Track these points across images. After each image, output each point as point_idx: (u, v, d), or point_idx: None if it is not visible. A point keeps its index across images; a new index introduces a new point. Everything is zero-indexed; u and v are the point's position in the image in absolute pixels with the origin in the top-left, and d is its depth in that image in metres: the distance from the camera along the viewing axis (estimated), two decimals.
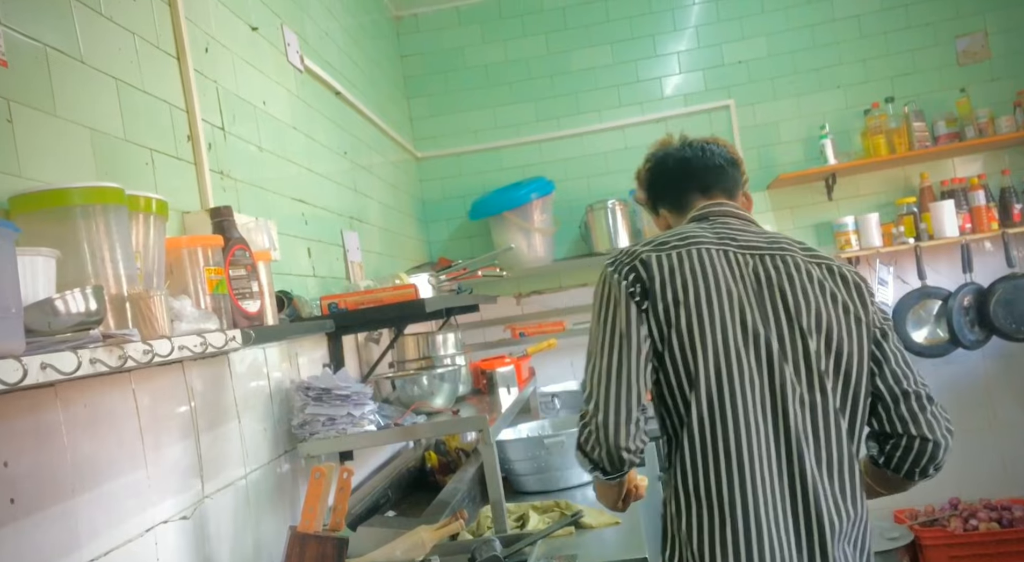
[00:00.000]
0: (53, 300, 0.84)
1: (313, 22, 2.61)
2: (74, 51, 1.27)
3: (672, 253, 1.37)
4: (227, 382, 1.62)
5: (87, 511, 1.13)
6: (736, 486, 1.26)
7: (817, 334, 1.33)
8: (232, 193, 1.79)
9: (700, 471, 1.29)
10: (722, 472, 1.27)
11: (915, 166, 3.73)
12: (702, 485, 1.28)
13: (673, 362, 1.32)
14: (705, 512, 1.27)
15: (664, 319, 1.32)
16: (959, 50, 3.73)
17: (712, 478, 1.27)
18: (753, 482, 1.26)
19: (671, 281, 1.33)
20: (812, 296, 1.35)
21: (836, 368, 1.33)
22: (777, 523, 1.26)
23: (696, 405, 1.29)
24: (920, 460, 1.34)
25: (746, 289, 1.34)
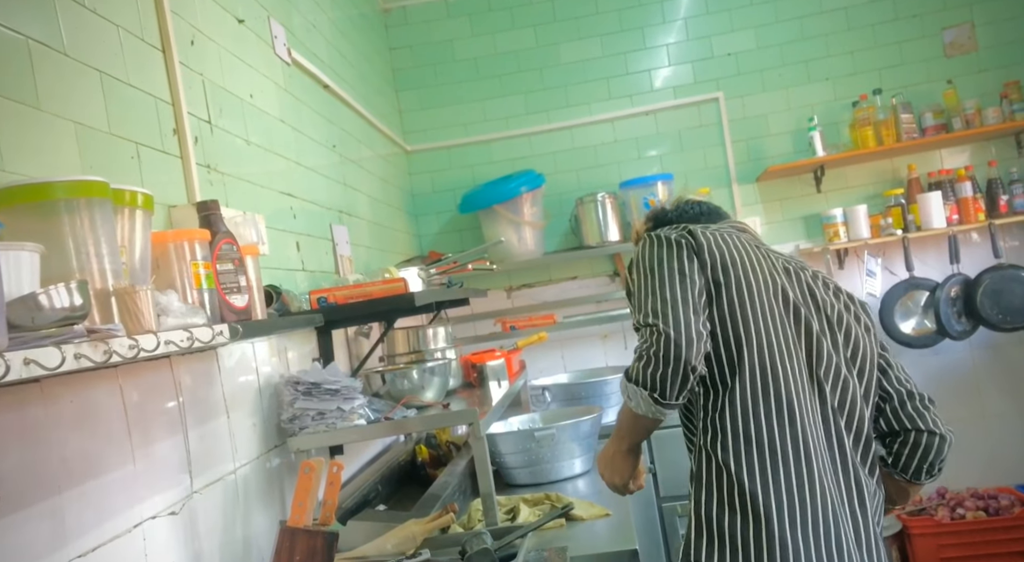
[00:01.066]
0: (37, 295, 0.84)
1: (301, 14, 2.59)
2: (57, 44, 1.26)
3: (716, 233, 1.46)
4: (215, 377, 1.62)
5: (74, 507, 1.12)
6: (788, 434, 1.33)
7: (839, 328, 1.44)
8: (219, 187, 1.78)
9: (752, 416, 1.34)
10: (773, 420, 1.34)
11: (903, 158, 3.75)
12: (754, 428, 1.34)
13: (722, 317, 1.39)
14: (756, 453, 1.33)
15: (714, 280, 1.39)
16: (946, 42, 3.74)
17: (764, 424, 1.34)
18: (804, 433, 1.34)
19: (718, 251, 1.42)
20: (831, 297, 1.47)
21: (853, 361, 1.44)
22: (825, 473, 1.34)
23: (748, 357, 1.36)
24: (928, 455, 1.45)
25: (782, 274, 1.45)
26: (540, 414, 2.88)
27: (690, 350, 1.30)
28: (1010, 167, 3.65)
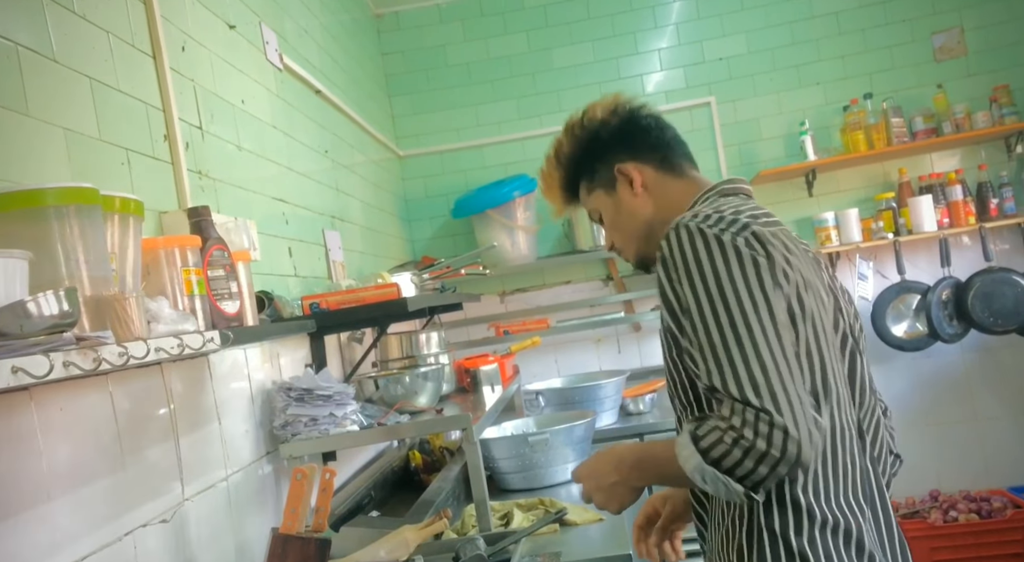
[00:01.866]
0: (25, 302, 0.83)
1: (292, 20, 2.59)
2: (47, 50, 1.25)
3: (776, 229, 1.12)
4: (207, 384, 1.61)
5: (64, 516, 1.11)
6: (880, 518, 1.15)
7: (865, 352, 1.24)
8: (211, 193, 1.78)
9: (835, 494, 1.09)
10: (862, 501, 1.12)
11: (893, 161, 3.77)
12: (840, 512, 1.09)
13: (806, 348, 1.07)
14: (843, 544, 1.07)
15: (789, 312, 1.06)
16: (936, 46, 3.77)
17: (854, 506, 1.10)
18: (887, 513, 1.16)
19: (791, 267, 1.08)
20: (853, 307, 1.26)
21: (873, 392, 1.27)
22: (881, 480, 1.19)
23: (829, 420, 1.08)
24: (891, 481, 1.29)
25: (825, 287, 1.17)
26: (534, 419, 2.88)
27: (812, 451, 0.99)
28: (1000, 171, 3.67)
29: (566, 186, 1.35)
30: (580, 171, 1.33)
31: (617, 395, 3.25)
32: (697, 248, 1.07)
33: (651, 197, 1.28)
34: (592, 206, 1.34)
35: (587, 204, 1.34)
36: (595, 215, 1.35)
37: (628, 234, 1.30)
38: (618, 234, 1.32)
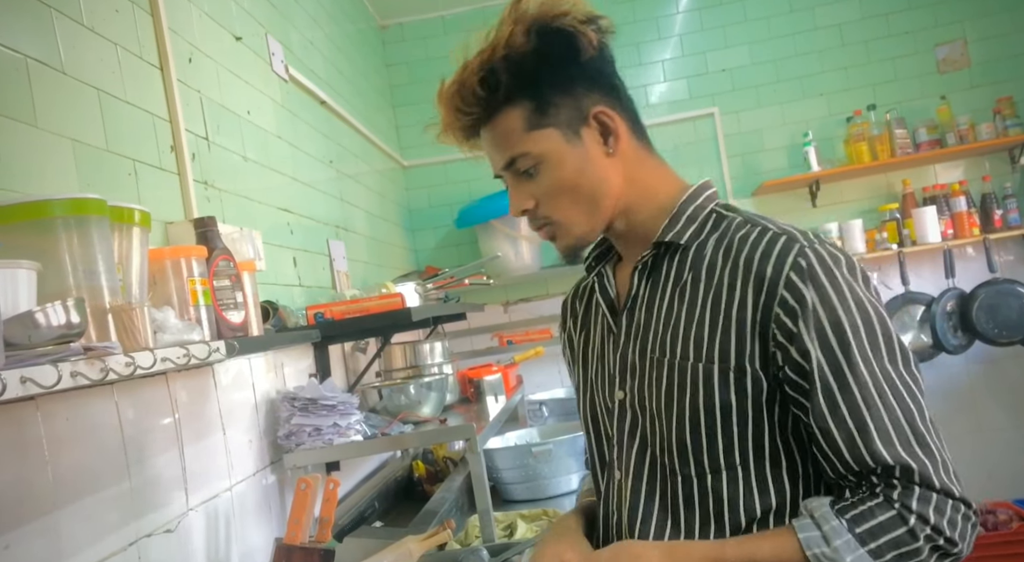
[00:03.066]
0: (34, 313, 0.84)
1: (298, 31, 2.61)
2: (55, 62, 1.26)
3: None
4: (212, 393, 1.61)
5: (69, 525, 1.11)
6: None
7: None
8: (216, 203, 1.78)
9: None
10: None
11: (897, 173, 3.77)
12: None
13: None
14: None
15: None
16: (939, 58, 3.78)
17: None
18: None
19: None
20: None
21: None
22: None
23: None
24: None
25: None
26: (537, 429, 2.88)
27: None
28: (1004, 182, 3.67)
29: (489, 100, 0.94)
30: (528, 89, 0.93)
31: None
32: (859, 286, 0.87)
33: (623, 167, 0.97)
34: (527, 149, 0.93)
35: (516, 143, 0.94)
36: (523, 163, 0.94)
37: (579, 204, 0.96)
38: (564, 199, 0.95)
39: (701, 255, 0.95)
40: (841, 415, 0.84)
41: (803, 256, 0.87)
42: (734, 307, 0.89)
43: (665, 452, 0.94)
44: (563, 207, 0.97)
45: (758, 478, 0.90)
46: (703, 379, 0.90)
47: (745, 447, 0.90)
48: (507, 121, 0.94)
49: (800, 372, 0.86)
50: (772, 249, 0.89)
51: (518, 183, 0.97)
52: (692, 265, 0.95)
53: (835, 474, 0.87)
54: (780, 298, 0.87)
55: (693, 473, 0.92)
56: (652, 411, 0.95)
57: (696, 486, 0.92)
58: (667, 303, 0.96)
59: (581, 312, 1.14)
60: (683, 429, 0.91)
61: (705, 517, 0.92)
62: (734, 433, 0.89)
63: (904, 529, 0.80)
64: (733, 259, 0.91)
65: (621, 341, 1.00)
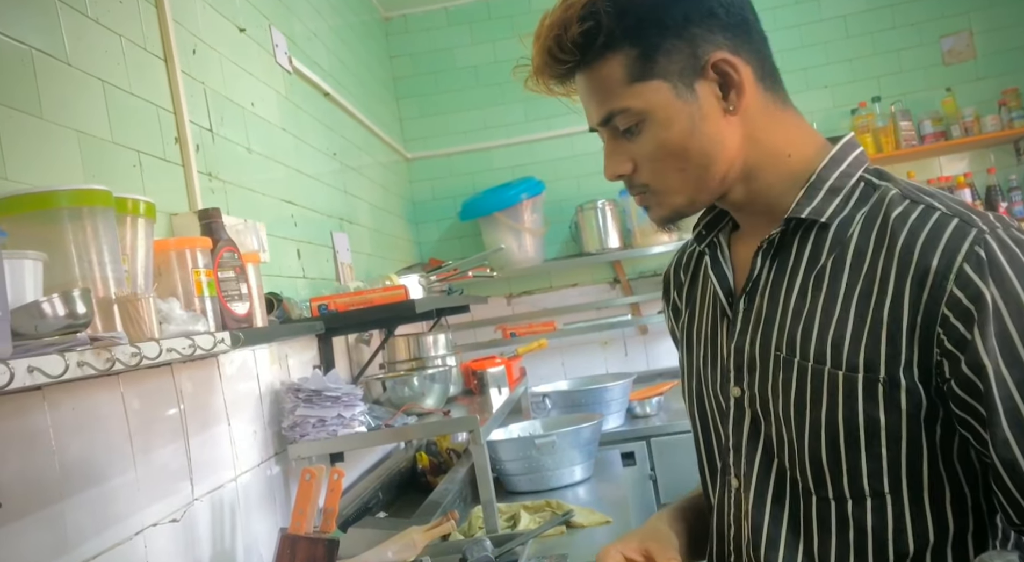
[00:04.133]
0: (40, 303, 0.84)
1: (301, 23, 2.61)
2: (60, 53, 1.27)
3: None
4: (216, 384, 1.62)
5: (75, 514, 1.12)
6: None
7: None
8: (220, 195, 1.79)
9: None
10: None
11: (902, 165, 3.76)
12: None
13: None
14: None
15: None
16: (944, 50, 3.76)
17: None
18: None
19: None
20: None
21: None
22: None
23: None
24: None
25: None
26: (540, 421, 2.88)
27: None
28: (1009, 174, 3.66)
29: (587, 46, 0.78)
30: (634, 32, 0.77)
31: (624, 398, 3.25)
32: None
33: (743, 125, 0.81)
34: (628, 104, 0.79)
35: (616, 97, 0.79)
36: (622, 120, 0.80)
37: (687, 171, 0.80)
38: (669, 165, 0.80)
39: (845, 236, 0.78)
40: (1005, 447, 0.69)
41: (982, 244, 0.70)
42: (886, 304, 0.73)
43: (796, 467, 0.79)
44: (666, 173, 0.81)
45: (912, 509, 0.75)
46: (844, 390, 0.75)
47: (897, 473, 0.75)
48: (607, 69, 0.78)
49: (971, 390, 0.70)
50: (941, 234, 0.72)
51: (616, 142, 0.81)
52: (832, 247, 0.78)
53: (1019, 518, 0.71)
54: (950, 296, 0.70)
55: (831, 496, 0.77)
56: (778, 416, 0.79)
57: (834, 511, 0.77)
58: (798, 292, 0.79)
59: (687, 283, 0.97)
60: (817, 444, 0.76)
61: (843, 549, 0.77)
62: (883, 456, 0.74)
63: None
64: (888, 244, 0.74)
65: (737, 329, 0.84)
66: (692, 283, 0.96)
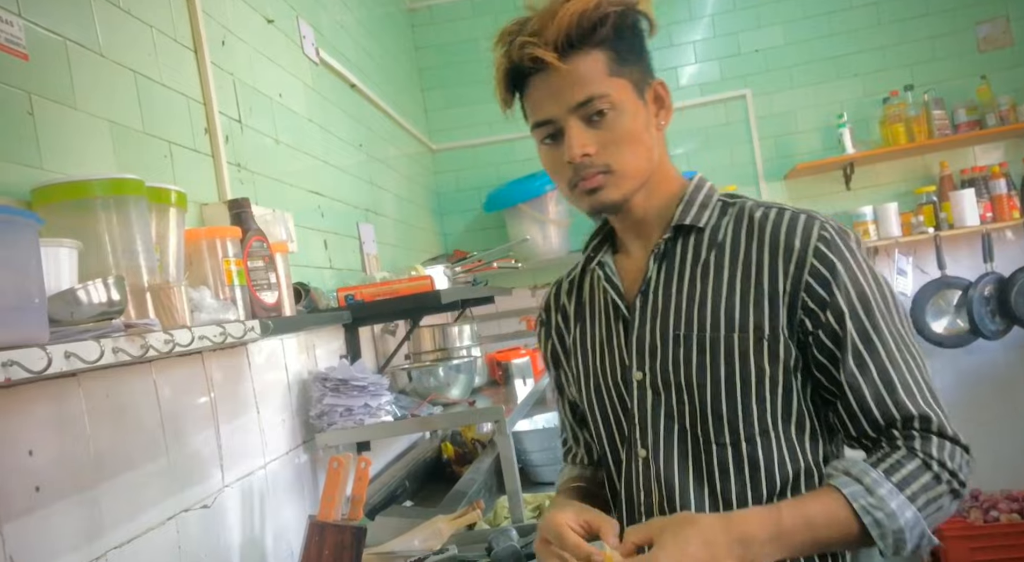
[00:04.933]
0: (75, 290, 0.85)
1: (328, 14, 2.61)
2: (93, 44, 1.28)
3: None
4: (246, 373, 1.64)
5: (109, 499, 1.14)
6: None
7: None
8: (249, 185, 1.80)
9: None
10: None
11: (935, 155, 3.69)
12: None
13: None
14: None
15: None
16: (980, 36, 3.67)
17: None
18: None
19: None
20: None
21: None
22: None
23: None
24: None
25: None
26: None
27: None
28: None
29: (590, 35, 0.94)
30: (616, 40, 0.96)
31: None
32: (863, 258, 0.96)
33: (659, 145, 1.01)
34: (607, 91, 0.95)
35: (598, 84, 0.94)
36: (600, 103, 0.94)
37: (639, 159, 0.97)
38: (628, 150, 0.96)
39: (719, 237, 1.00)
40: (870, 373, 0.92)
41: (825, 230, 0.95)
42: (764, 279, 0.95)
43: (698, 424, 0.97)
44: (625, 157, 0.97)
45: (787, 443, 0.96)
46: (739, 349, 0.95)
47: (776, 412, 0.95)
48: (591, 61, 0.95)
49: (832, 335, 0.93)
50: (796, 225, 0.96)
51: (582, 127, 0.96)
52: (710, 246, 1.00)
53: (857, 432, 0.94)
54: (811, 268, 0.94)
55: (728, 442, 0.96)
56: (679, 385, 0.98)
57: (731, 454, 0.96)
58: (688, 284, 1.00)
59: (573, 306, 1.15)
60: (719, 399, 0.95)
61: (742, 484, 0.96)
62: (766, 399, 0.95)
63: (930, 475, 0.88)
64: (758, 236, 0.98)
65: (636, 324, 1.02)
66: (579, 304, 1.14)
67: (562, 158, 0.97)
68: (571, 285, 1.17)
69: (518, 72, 0.98)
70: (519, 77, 0.99)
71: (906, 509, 0.85)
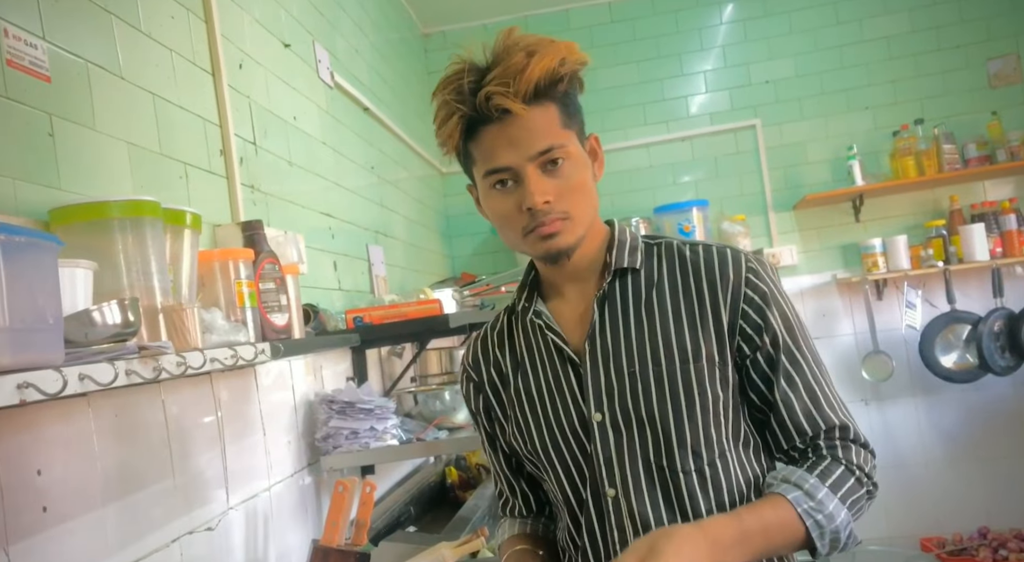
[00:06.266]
0: (91, 311, 0.86)
1: (344, 39, 2.65)
2: (114, 67, 1.30)
3: None
4: (253, 394, 1.64)
5: (116, 520, 1.14)
6: None
7: None
8: (262, 206, 1.81)
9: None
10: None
11: (944, 188, 3.69)
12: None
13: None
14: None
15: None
16: (991, 73, 3.69)
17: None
18: None
19: None
20: None
21: None
22: None
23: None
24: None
25: None
26: None
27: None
28: None
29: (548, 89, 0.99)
30: (566, 97, 1.02)
31: None
32: (780, 287, 1.06)
33: (595, 195, 1.06)
34: (564, 142, 1.00)
35: (556, 135, 1.00)
36: (558, 152, 0.99)
37: (588, 207, 1.03)
38: (581, 198, 1.01)
39: (654, 276, 1.05)
40: (799, 390, 1.01)
41: (751, 261, 1.04)
42: (708, 310, 1.02)
43: (663, 456, 1.01)
44: (580, 204, 1.02)
45: (738, 461, 1.02)
46: (695, 378, 1.00)
47: (728, 434, 1.02)
48: (548, 113, 1.00)
49: (767, 358, 1.01)
50: (726, 257, 1.03)
51: (540, 175, 1.00)
52: (648, 285, 1.05)
53: (788, 444, 1.02)
54: (745, 296, 1.01)
55: (693, 468, 1.00)
56: (641, 420, 1.01)
57: (696, 480, 1.01)
58: (634, 321, 1.03)
59: (507, 359, 1.14)
60: (681, 428, 1.00)
61: (708, 506, 1.01)
62: (722, 423, 1.01)
63: (854, 479, 0.97)
64: (693, 272, 1.04)
65: (588, 368, 1.04)
66: (513, 355, 1.14)
67: (515, 204, 1.00)
68: (500, 338, 1.16)
69: (475, 120, 1.00)
70: (473, 125, 1.01)
71: (840, 510, 0.94)
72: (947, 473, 3.61)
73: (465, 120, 1.01)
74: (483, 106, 0.98)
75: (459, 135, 1.03)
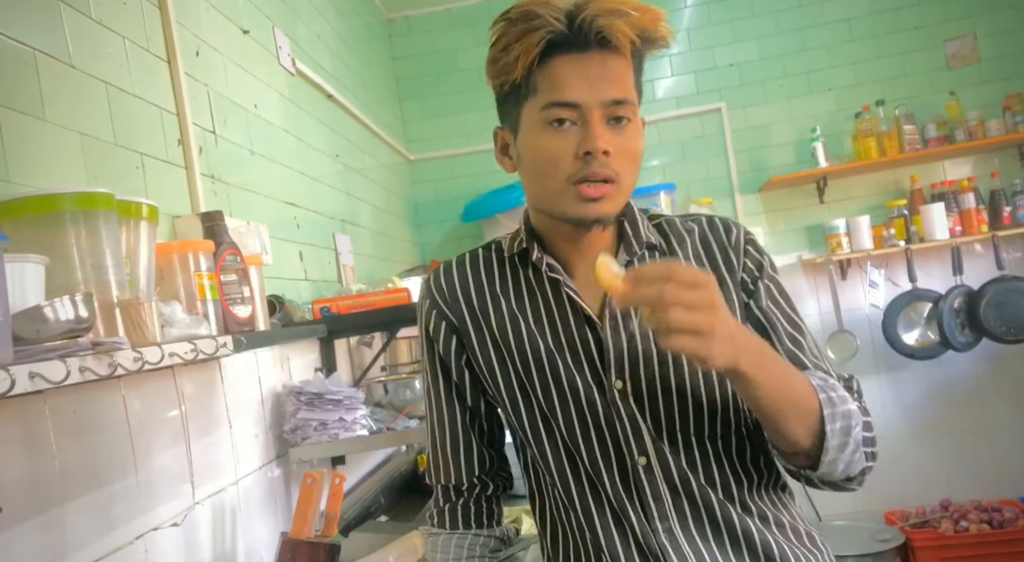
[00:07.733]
0: (42, 307, 0.84)
1: (305, 25, 2.60)
2: (63, 55, 1.26)
3: None
4: (218, 387, 1.61)
5: (76, 519, 1.12)
6: None
7: None
8: (223, 197, 1.78)
9: None
10: None
11: (905, 169, 3.75)
12: None
13: None
14: None
15: None
16: (949, 54, 3.75)
17: None
18: None
19: None
20: None
21: None
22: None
23: None
24: None
25: None
26: None
27: None
28: (1013, 179, 3.65)
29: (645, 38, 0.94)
30: (642, 66, 0.98)
31: None
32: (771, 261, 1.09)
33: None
34: (634, 100, 0.95)
35: (630, 90, 0.95)
36: (626, 109, 0.94)
37: (631, 179, 0.98)
38: (632, 165, 0.96)
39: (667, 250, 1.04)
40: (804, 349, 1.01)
41: (745, 228, 1.06)
42: (724, 275, 1.01)
43: (691, 423, 0.98)
44: (629, 172, 0.96)
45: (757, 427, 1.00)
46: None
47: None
48: (629, 69, 0.95)
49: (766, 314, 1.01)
50: (727, 225, 1.05)
51: (603, 127, 0.92)
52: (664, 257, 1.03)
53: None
54: (743, 264, 1.02)
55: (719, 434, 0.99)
56: (668, 391, 0.97)
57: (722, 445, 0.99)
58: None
59: (487, 295, 1.05)
60: (712, 394, 0.98)
61: (734, 470, 1.00)
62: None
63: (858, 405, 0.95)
64: (702, 241, 1.04)
65: (608, 332, 0.98)
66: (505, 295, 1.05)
67: (571, 146, 0.91)
68: (477, 268, 1.07)
69: (555, 44, 0.90)
70: (549, 50, 0.90)
71: (851, 402, 0.91)
72: (910, 448, 3.69)
73: (546, 42, 0.89)
74: (585, 26, 0.88)
75: (534, 57, 0.90)
